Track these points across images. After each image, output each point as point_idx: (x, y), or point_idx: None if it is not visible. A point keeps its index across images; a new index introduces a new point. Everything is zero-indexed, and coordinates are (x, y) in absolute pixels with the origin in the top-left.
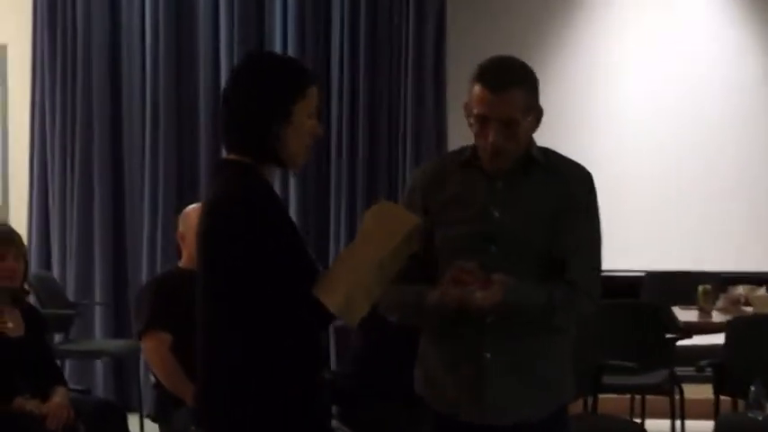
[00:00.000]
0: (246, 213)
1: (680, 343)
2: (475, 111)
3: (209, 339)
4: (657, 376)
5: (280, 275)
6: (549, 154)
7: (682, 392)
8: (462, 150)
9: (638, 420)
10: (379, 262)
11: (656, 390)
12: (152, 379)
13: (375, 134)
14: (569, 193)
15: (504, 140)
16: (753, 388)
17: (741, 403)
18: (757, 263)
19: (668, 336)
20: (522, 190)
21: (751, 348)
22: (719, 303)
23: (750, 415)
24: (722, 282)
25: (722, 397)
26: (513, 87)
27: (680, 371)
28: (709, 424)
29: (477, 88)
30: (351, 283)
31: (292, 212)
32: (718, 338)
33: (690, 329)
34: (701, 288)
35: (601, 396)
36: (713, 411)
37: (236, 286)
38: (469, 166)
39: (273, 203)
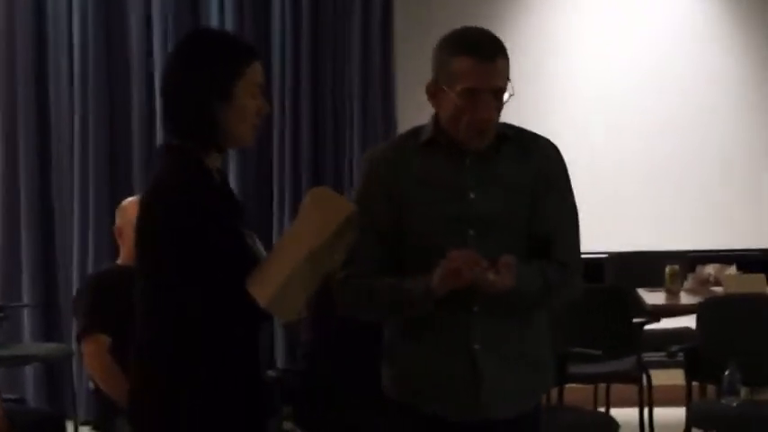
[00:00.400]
0: (184, 203)
1: (648, 327)
2: (462, 85)
3: (144, 333)
4: (625, 363)
5: (216, 268)
6: (515, 128)
7: (650, 379)
8: (417, 131)
9: (602, 409)
10: (313, 252)
11: (623, 378)
12: (90, 385)
13: (319, 119)
14: (544, 168)
15: (495, 113)
16: (726, 373)
17: (711, 389)
18: (726, 240)
19: (635, 320)
20: (496, 168)
21: (724, 331)
22: (688, 284)
23: (723, 401)
24: (690, 261)
25: (694, 383)
26: (500, 56)
27: (649, 356)
28: (681, 411)
29: (463, 60)
30: (283, 275)
31: None
32: (687, 321)
33: (658, 313)
34: (668, 269)
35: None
36: (685, 398)
37: (171, 279)
38: (432, 146)
39: (213, 191)
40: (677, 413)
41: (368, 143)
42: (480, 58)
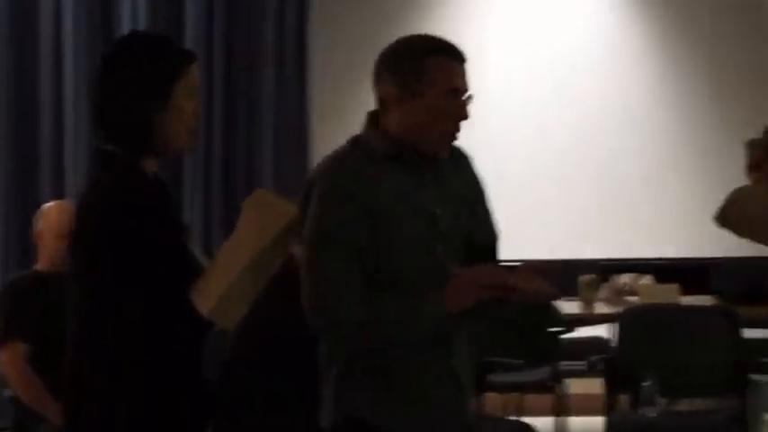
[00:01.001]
0: (121, 205)
1: (565, 336)
2: (446, 86)
3: (79, 338)
4: (541, 373)
5: (155, 276)
6: None
7: (565, 389)
8: (362, 144)
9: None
10: (255, 259)
11: (539, 387)
12: (7, 393)
13: (231, 118)
14: (473, 178)
15: None
16: (645, 384)
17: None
18: (642, 250)
19: (551, 330)
20: (446, 181)
21: (643, 341)
22: (602, 293)
23: (642, 412)
24: (602, 270)
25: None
26: (465, 59)
27: (568, 365)
28: (599, 420)
29: (444, 62)
30: (225, 283)
31: None
32: (599, 330)
33: (573, 322)
34: (583, 278)
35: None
36: (603, 407)
37: (109, 283)
38: (392, 161)
39: (151, 194)
40: (595, 422)
41: (281, 142)
42: (458, 60)
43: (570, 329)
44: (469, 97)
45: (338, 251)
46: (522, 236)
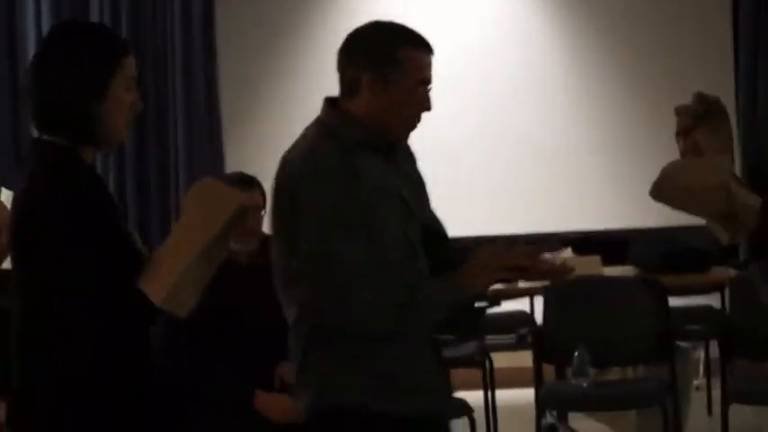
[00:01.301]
0: (63, 200)
1: (492, 310)
2: (419, 76)
3: (24, 339)
4: (469, 347)
5: (100, 266)
6: None
7: (492, 362)
8: (335, 127)
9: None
10: (206, 246)
11: (467, 362)
12: None
13: (143, 121)
14: (416, 164)
15: None
16: (576, 355)
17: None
18: (562, 223)
19: (477, 304)
20: (405, 166)
21: (569, 313)
22: None
23: (574, 382)
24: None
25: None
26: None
27: (495, 339)
28: (529, 392)
29: (419, 52)
30: (177, 271)
31: None
32: (522, 304)
33: (498, 296)
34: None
35: None
36: (533, 379)
37: (54, 280)
38: (361, 146)
39: (93, 188)
40: (525, 394)
41: (192, 143)
42: (429, 52)
43: (497, 303)
44: (430, 88)
45: (349, 236)
46: (443, 212)
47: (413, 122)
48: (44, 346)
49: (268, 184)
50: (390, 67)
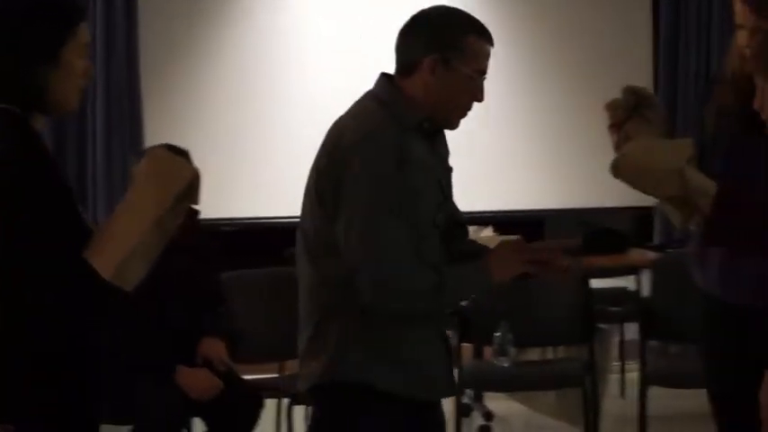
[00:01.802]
0: (11, 169)
1: None
2: (478, 66)
3: None
4: None
5: (48, 238)
6: None
7: None
8: (396, 106)
9: None
10: (157, 220)
11: None
12: None
13: None
14: (448, 151)
15: None
16: (497, 334)
17: (467, 349)
18: (482, 203)
19: None
20: (442, 152)
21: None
22: None
23: (496, 362)
24: None
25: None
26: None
27: None
28: None
29: (482, 43)
30: (128, 245)
31: None
32: None
33: None
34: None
35: None
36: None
37: (10, 251)
38: (419, 129)
39: (42, 157)
40: None
41: (111, 110)
42: (491, 43)
43: None
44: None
45: (396, 219)
46: None
47: (465, 110)
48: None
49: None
50: (454, 53)
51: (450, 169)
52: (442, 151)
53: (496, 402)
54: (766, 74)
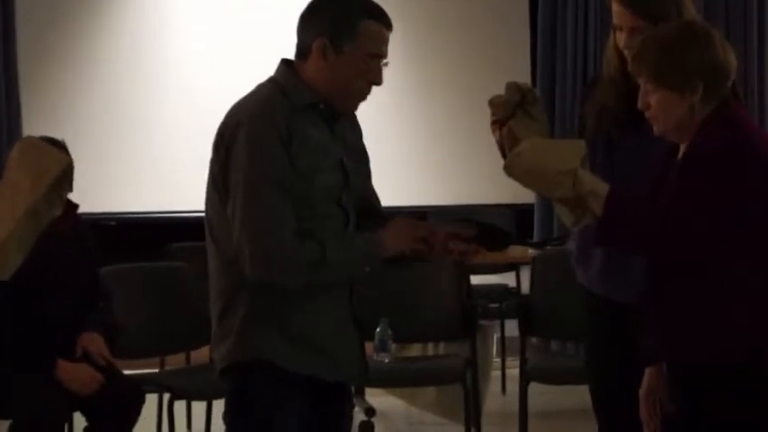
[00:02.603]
0: None
1: None
2: (370, 49)
3: None
4: None
5: None
6: None
7: None
8: (288, 87)
9: None
10: (30, 208)
11: None
12: None
13: None
14: (361, 135)
15: None
16: (378, 330)
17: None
18: (393, 198)
19: None
20: (350, 132)
21: (372, 288)
22: None
23: (376, 357)
24: None
25: None
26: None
27: None
28: None
29: (374, 25)
30: (3, 233)
31: None
32: None
33: None
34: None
35: None
36: None
37: None
38: (309, 110)
39: None
40: None
41: None
42: (387, 27)
43: None
44: (385, 63)
45: (276, 191)
46: None
47: (361, 93)
48: None
49: (74, 149)
50: (345, 36)
51: (361, 153)
52: (348, 135)
53: (378, 398)
54: (647, 75)
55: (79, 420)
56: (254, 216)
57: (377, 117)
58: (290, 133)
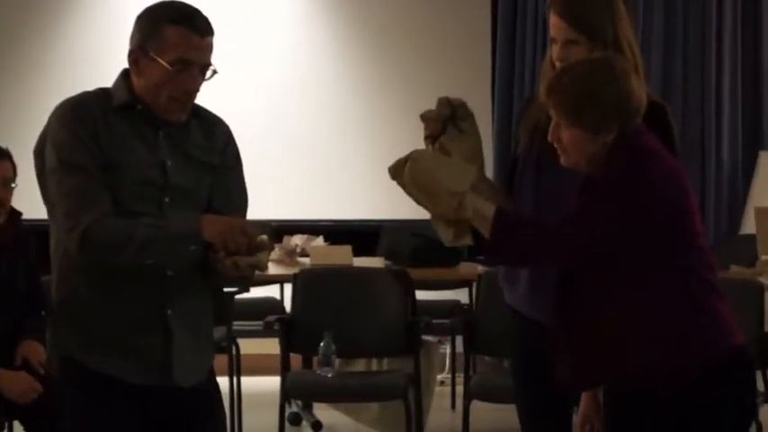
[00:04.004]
0: None
1: (240, 296)
2: (175, 54)
3: None
4: (217, 332)
5: None
6: (198, 106)
7: (239, 348)
8: (105, 92)
9: None
10: None
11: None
12: None
13: None
14: (225, 147)
15: (199, 87)
16: (321, 344)
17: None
18: (314, 211)
19: (226, 290)
20: (186, 142)
21: (317, 302)
22: (275, 254)
23: (320, 372)
24: (277, 232)
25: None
26: (211, 33)
27: (243, 326)
28: (275, 380)
29: (178, 30)
30: None
31: None
32: (272, 291)
33: (248, 281)
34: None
35: None
36: (279, 367)
37: None
38: (127, 111)
39: None
40: (271, 382)
41: None
42: (195, 32)
43: (246, 290)
44: (213, 71)
45: (81, 172)
46: None
47: (174, 99)
48: None
49: (21, 159)
50: (151, 43)
51: (202, 162)
52: (188, 144)
53: (325, 412)
54: (561, 111)
55: (18, 429)
56: (63, 197)
57: (327, 128)
58: (98, 124)
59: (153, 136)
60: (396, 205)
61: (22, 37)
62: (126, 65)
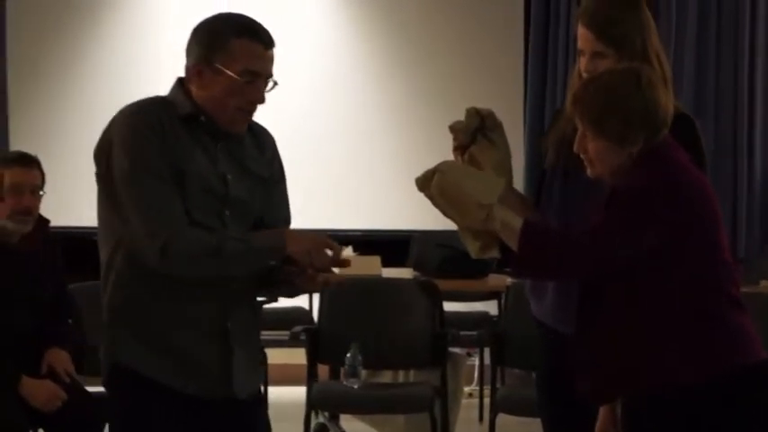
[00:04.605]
0: None
1: (268, 306)
2: (243, 66)
3: None
4: None
5: None
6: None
7: (266, 358)
8: (166, 102)
9: None
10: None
11: None
12: None
13: None
14: (275, 159)
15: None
16: (348, 355)
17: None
18: (344, 221)
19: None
20: (243, 155)
21: (345, 313)
22: None
23: (346, 383)
24: None
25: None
26: (274, 45)
27: (270, 335)
28: (301, 390)
29: (247, 43)
30: None
31: None
32: (300, 301)
33: (276, 292)
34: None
35: None
36: (305, 378)
37: None
38: (189, 122)
39: None
40: (297, 392)
41: None
42: (260, 43)
43: (274, 299)
44: (274, 83)
45: (158, 180)
46: None
47: (240, 111)
48: None
49: (50, 166)
50: (217, 56)
51: (255, 174)
52: (245, 156)
53: (349, 424)
54: (588, 122)
55: None
56: (141, 209)
57: (357, 139)
58: (164, 129)
59: (213, 147)
60: (425, 215)
61: (56, 43)
62: (157, 72)
